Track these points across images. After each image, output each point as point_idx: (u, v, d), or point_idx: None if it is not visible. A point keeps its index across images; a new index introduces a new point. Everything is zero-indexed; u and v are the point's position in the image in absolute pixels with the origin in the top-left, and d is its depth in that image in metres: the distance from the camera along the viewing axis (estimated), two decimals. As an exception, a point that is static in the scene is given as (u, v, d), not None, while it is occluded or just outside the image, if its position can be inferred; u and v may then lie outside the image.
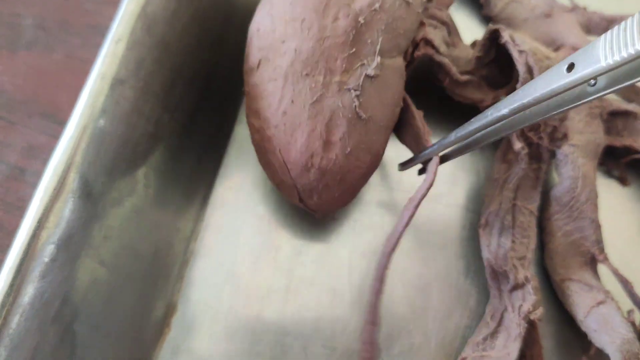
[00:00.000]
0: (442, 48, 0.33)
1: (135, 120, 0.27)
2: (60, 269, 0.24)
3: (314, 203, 0.30)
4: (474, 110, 0.35)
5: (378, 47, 0.29)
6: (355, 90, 0.28)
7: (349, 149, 0.29)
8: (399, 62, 0.30)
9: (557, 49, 0.36)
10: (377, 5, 0.29)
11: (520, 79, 0.32)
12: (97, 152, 0.26)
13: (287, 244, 0.34)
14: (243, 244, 0.34)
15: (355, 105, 0.28)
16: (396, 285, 0.33)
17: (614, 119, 0.36)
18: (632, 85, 0.37)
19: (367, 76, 0.28)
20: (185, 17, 0.30)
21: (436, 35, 0.33)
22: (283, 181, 0.30)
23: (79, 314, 0.26)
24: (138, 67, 0.27)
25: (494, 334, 0.32)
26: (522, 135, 0.33)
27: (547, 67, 0.32)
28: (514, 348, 0.30)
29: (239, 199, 0.35)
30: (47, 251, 0.24)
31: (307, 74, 0.28)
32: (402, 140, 0.32)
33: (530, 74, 0.32)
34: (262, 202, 0.35)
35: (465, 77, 0.34)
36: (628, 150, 0.36)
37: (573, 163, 0.33)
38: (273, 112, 0.29)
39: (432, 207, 0.35)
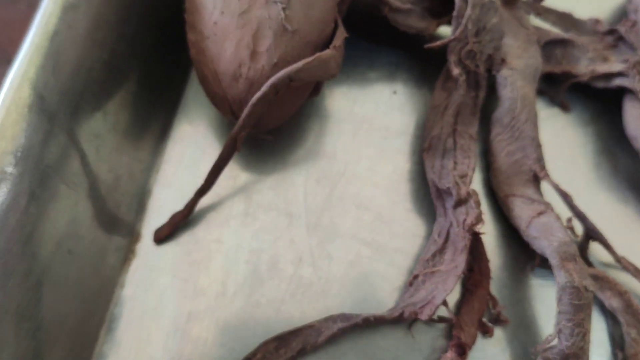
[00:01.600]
0: None
1: (90, 46, 0.29)
2: (20, 179, 0.26)
3: None
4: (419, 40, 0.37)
5: None
6: (281, 2, 0.30)
7: (275, 60, 0.30)
8: None
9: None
10: None
11: (456, 5, 0.34)
12: (51, 71, 0.27)
13: (244, 173, 0.36)
14: (203, 175, 0.35)
15: (281, 18, 0.30)
16: (349, 209, 0.35)
17: (552, 47, 0.38)
18: (570, 16, 0.40)
19: None
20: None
21: None
22: (216, 93, 0.32)
23: (41, 227, 0.27)
24: (90, -6, 0.29)
25: (441, 250, 0.33)
26: (460, 62, 0.35)
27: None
28: (461, 260, 0.32)
29: (197, 133, 0.36)
30: (6, 160, 0.26)
31: None
32: None
33: (465, 0, 0.34)
34: (221, 137, 0.37)
35: (406, 6, 0.36)
36: (567, 75, 0.38)
37: (512, 85, 0.35)
38: (206, 24, 0.31)
39: (383, 135, 0.37)
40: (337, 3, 0.33)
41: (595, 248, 0.34)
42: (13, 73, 0.26)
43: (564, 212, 0.34)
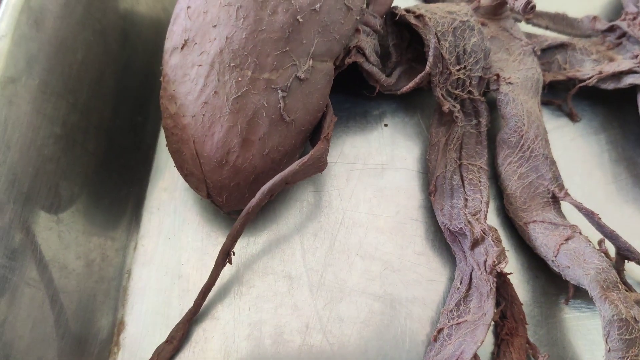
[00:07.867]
0: (373, 57, 0.32)
1: (38, 121, 0.25)
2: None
3: (222, 200, 0.29)
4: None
5: (312, 49, 0.28)
6: (283, 90, 0.27)
7: (267, 150, 0.28)
8: (329, 67, 0.29)
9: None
10: (317, 6, 0.28)
11: (431, 43, 0.31)
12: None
13: (232, 236, 0.32)
14: (186, 244, 0.31)
15: (280, 107, 0.27)
16: (354, 261, 0.31)
17: (552, 54, 0.35)
18: (564, 17, 0.37)
19: (296, 78, 0.28)
20: (79, 10, 0.28)
21: (368, 43, 0.32)
22: (192, 173, 0.29)
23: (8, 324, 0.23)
24: (29, 64, 0.25)
25: (466, 297, 0.30)
26: (449, 94, 0.32)
27: (452, 20, 0.31)
28: (489, 307, 0.28)
29: (175, 198, 0.33)
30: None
31: (235, 66, 0.27)
32: (312, 142, 0.31)
33: (436, 37, 0.31)
34: (201, 201, 0.33)
35: (393, 79, 0.33)
36: (572, 81, 0.35)
37: (514, 101, 0.32)
38: (192, 100, 0.27)
39: (378, 173, 0.34)
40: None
41: (632, 268, 0.31)
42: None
43: (592, 233, 0.30)
